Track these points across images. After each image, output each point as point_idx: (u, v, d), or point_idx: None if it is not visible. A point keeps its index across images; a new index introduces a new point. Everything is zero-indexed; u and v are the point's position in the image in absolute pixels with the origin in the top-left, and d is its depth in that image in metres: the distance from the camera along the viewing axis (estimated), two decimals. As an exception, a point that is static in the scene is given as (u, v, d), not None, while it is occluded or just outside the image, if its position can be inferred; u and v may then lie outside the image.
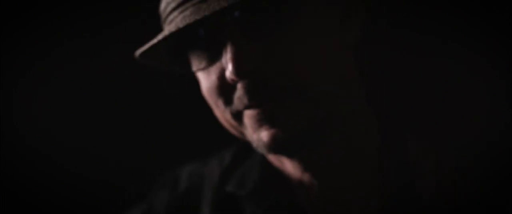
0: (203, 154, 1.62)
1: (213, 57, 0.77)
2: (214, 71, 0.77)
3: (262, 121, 0.76)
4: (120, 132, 1.60)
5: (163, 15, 0.80)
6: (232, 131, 0.82)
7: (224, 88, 0.77)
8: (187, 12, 0.73)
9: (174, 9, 0.77)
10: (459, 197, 0.77)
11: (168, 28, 0.75)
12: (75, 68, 1.57)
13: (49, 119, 1.58)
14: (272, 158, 0.85)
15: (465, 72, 0.89)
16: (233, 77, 0.73)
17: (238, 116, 0.79)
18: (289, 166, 0.84)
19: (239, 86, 0.75)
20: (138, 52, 0.76)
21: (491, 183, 0.78)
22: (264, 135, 0.76)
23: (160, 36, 0.74)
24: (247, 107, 0.76)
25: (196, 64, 0.78)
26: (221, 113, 0.80)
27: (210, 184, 0.94)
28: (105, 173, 1.59)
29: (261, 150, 0.78)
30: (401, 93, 0.89)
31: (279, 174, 0.86)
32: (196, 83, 0.92)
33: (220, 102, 0.78)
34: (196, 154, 1.62)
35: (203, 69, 0.78)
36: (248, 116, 0.77)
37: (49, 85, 1.58)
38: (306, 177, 0.83)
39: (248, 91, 0.75)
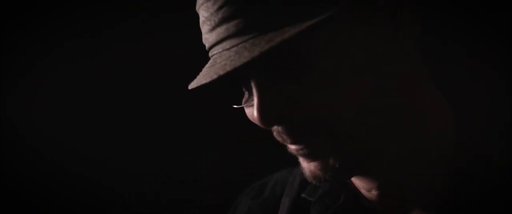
0: (203, 154, 1.63)
1: (249, 95, 0.78)
2: (252, 106, 0.77)
3: (301, 155, 0.77)
4: (120, 132, 1.60)
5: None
6: None
7: None
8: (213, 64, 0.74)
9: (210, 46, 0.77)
10: None
11: (202, 74, 0.75)
12: (75, 68, 1.57)
13: (49, 119, 1.58)
14: None
15: (465, 72, 0.89)
16: (260, 125, 0.74)
17: None
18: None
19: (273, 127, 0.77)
20: (191, 86, 0.76)
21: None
22: (306, 167, 0.78)
23: (194, 84, 0.75)
24: (286, 143, 0.78)
25: (235, 100, 0.80)
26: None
27: (290, 191, 0.95)
28: (105, 173, 1.59)
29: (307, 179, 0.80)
30: (477, 89, 0.85)
31: (347, 182, 0.88)
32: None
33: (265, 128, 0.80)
34: (196, 154, 1.62)
35: (240, 106, 0.79)
36: (290, 148, 0.78)
37: (49, 85, 1.58)
38: (369, 185, 0.83)
39: (279, 133, 0.76)
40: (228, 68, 0.69)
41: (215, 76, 0.69)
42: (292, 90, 0.72)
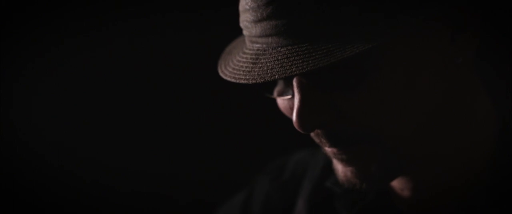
0: (203, 154, 1.63)
1: (284, 86, 0.73)
2: (288, 99, 0.72)
3: (337, 159, 0.73)
4: (120, 132, 1.60)
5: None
6: None
7: None
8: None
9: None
10: None
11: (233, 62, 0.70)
12: (75, 67, 1.57)
13: (49, 119, 1.58)
14: None
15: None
16: (298, 129, 0.69)
17: None
18: None
19: None
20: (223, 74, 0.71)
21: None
22: (340, 170, 0.74)
23: (230, 77, 0.68)
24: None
25: (270, 89, 0.73)
26: None
27: (311, 176, 0.89)
28: (105, 173, 1.59)
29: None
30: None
31: None
32: (195, 83, 0.92)
33: None
34: (196, 153, 1.62)
35: (272, 96, 0.74)
36: (326, 150, 0.74)
37: (49, 85, 1.58)
38: (402, 184, 0.79)
39: (317, 136, 0.71)
40: (276, 76, 0.63)
41: (260, 81, 0.64)
42: (339, 100, 0.68)
